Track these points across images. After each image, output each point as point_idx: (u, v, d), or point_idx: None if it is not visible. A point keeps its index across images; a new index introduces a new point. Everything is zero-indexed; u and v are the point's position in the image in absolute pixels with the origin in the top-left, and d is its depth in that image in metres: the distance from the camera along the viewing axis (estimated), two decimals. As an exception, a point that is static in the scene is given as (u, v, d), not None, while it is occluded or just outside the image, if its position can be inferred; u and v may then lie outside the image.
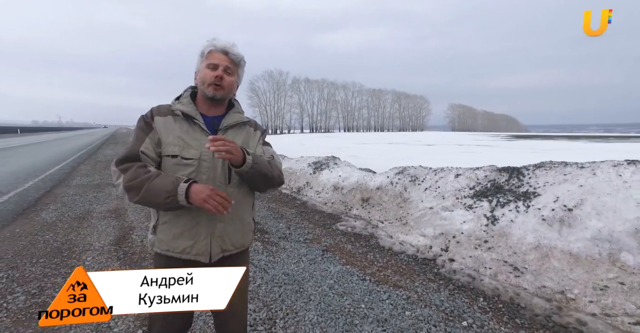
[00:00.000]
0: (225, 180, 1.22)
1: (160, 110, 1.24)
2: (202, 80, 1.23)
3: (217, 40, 1.24)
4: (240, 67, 1.29)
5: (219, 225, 1.22)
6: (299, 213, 5.30)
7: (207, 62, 1.22)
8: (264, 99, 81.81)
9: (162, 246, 1.22)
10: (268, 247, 3.64)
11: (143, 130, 1.21)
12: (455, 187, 4.30)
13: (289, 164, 8.41)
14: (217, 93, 1.22)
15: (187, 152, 1.19)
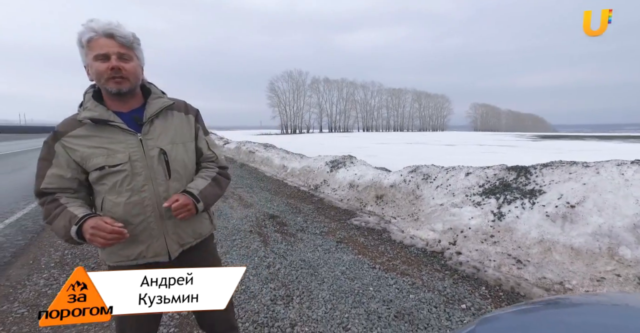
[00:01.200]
0: (165, 175, 1.15)
1: (65, 127, 1.08)
2: (98, 75, 1.04)
3: (95, 22, 1.01)
4: (136, 48, 1.09)
5: (169, 222, 1.16)
6: (315, 208, 5.61)
7: (94, 52, 1.02)
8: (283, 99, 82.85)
9: (113, 258, 1.14)
10: (286, 238, 3.98)
11: (44, 161, 1.09)
12: (465, 185, 4.49)
13: (307, 162, 8.75)
14: (122, 87, 1.06)
15: (114, 158, 1.07)
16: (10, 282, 2.77)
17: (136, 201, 1.10)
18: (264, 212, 5.15)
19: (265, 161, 11.28)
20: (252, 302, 2.47)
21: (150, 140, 1.13)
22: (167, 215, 1.14)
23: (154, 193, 1.13)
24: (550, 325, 0.71)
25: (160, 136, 1.15)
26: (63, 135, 1.08)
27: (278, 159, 10.64)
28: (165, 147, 1.14)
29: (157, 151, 1.13)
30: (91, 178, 1.10)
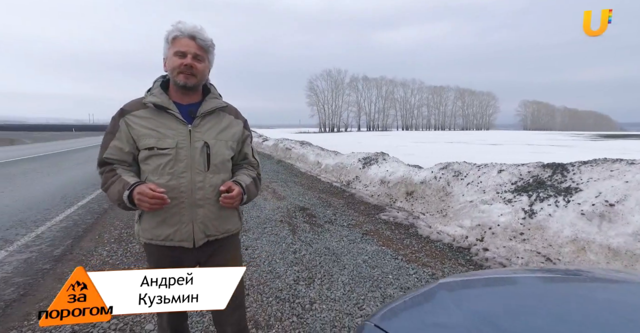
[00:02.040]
0: (204, 167, 1.23)
1: (131, 107, 1.23)
2: (172, 68, 1.19)
3: (182, 24, 1.18)
4: (210, 52, 1.25)
5: (199, 211, 1.23)
6: (346, 203, 5.76)
7: (175, 48, 1.18)
8: (322, 98, 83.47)
9: (147, 235, 1.24)
10: (314, 228, 4.18)
11: (109, 133, 1.22)
12: (497, 182, 4.38)
13: (340, 159, 8.90)
14: (189, 81, 1.19)
15: (164, 142, 1.18)
16: (83, 251, 3.31)
17: (174, 185, 1.18)
18: (295, 205, 5.40)
19: (300, 158, 11.60)
20: (276, 281, 2.69)
21: (198, 133, 1.22)
22: (199, 204, 1.22)
23: (191, 181, 1.20)
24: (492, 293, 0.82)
25: (208, 131, 1.24)
26: (127, 113, 1.21)
27: (313, 155, 10.90)
28: (209, 141, 1.23)
29: (202, 143, 1.22)
30: (140, 157, 1.22)
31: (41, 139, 26.78)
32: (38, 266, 2.92)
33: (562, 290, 0.85)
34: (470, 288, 0.86)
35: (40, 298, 2.37)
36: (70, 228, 4.02)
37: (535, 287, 0.85)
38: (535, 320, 0.65)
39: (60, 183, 7.05)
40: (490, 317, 0.70)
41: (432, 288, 0.83)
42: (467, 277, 0.94)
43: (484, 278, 0.93)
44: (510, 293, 0.82)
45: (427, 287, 0.84)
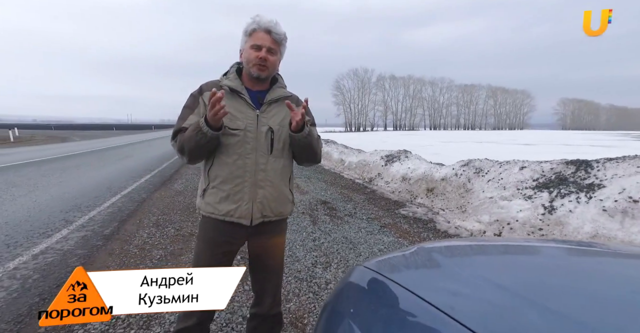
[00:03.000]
0: (268, 150, 1.30)
1: (208, 87, 1.31)
2: (247, 60, 1.28)
3: (260, 17, 1.27)
4: (283, 45, 1.33)
5: (259, 191, 1.30)
6: (367, 199, 5.90)
7: (252, 42, 1.27)
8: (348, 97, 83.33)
9: (208, 209, 1.31)
10: (334, 220, 4.38)
11: (189, 107, 1.32)
12: (518, 178, 4.37)
13: (364, 156, 9.02)
14: (262, 73, 1.28)
15: (234, 123, 1.26)
16: (127, 233, 3.73)
17: (240, 165, 1.27)
18: (317, 199, 5.62)
19: (324, 155, 11.82)
20: (296, 264, 2.92)
21: (264, 118, 1.31)
22: (260, 185, 1.29)
23: (255, 162, 1.28)
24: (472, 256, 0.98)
25: (273, 117, 1.33)
26: (205, 91, 1.31)
27: (337, 153, 11.09)
28: (274, 127, 1.31)
29: (267, 128, 1.30)
30: None
31: (87, 136, 28.98)
32: (92, 242, 3.37)
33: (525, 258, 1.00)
34: (444, 249, 1.03)
35: (96, 268, 2.75)
36: (115, 213, 4.49)
37: (498, 253, 1.01)
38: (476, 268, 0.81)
39: (105, 175, 7.74)
40: (450, 263, 0.86)
41: (413, 248, 1.00)
42: (444, 242, 1.11)
43: (457, 244, 1.10)
44: (469, 251, 0.98)
45: (410, 248, 1.01)
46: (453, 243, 1.20)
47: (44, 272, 2.68)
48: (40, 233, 3.61)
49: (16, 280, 2.54)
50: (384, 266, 0.90)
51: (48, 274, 2.65)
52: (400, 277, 0.81)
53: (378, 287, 0.78)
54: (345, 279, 0.90)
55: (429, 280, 0.80)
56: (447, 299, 0.65)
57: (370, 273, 0.85)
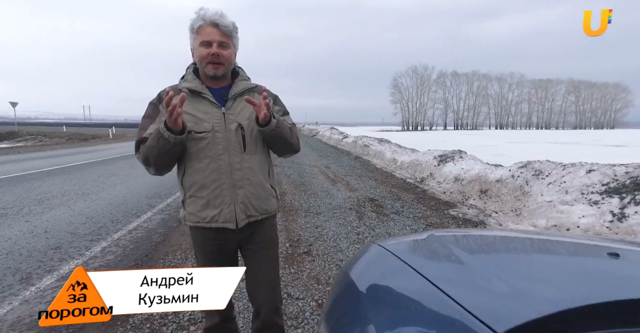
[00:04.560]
0: (241, 148, 1.26)
1: None
2: (200, 59, 1.22)
3: (204, 10, 1.19)
4: (234, 37, 1.26)
5: (239, 191, 1.25)
6: (416, 198, 5.86)
7: (200, 38, 1.20)
8: (406, 95, 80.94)
9: (192, 218, 1.27)
10: (380, 217, 4.48)
11: (149, 117, 1.26)
12: (584, 182, 4.03)
13: (416, 156, 8.87)
14: (218, 71, 1.22)
15: (200, 126, 1.21)
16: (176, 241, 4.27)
17: (213, 168, 1.23)
18: (365, 196, 5.74)
19: (377, 154, 11.81)
20: (339, 253, 3.12)
21: (232, 115, 1.25)
22: (238, 185, 1.25)
23: (229, 163, 1.24)
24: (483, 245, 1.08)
25: (241, 113, 1.27)
26: None
27: (390, 152, 11.02)
28: (242, 123, 1.25)
29: (236, 125, 1.24)
30: None
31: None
32: (169, 224, 3.97)
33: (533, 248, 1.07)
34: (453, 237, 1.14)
35: (172, 244, 3.31)
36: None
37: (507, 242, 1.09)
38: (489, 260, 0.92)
39: (176, 169, 8.81)
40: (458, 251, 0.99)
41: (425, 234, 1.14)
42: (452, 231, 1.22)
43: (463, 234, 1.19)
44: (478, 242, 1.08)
45: (422, 233, 1.15)
46: (460, 232, 1.29)
47: (136, 243, 3.34)
48: (132, 213, 4.39)
49: (119, 247, 3.22)
50: (395, 246, 1.05)
51: (139, 245, 3.28)
52: (407, 256, 0.96)
53: (385, 261, 0.95)
54: (361, 253, 1.08)
55: (433, 262, 0.94)
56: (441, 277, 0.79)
57: (381, 251, 1.01)
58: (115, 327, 1.94)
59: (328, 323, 0.93)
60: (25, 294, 2.26)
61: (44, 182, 6.49)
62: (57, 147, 16.40)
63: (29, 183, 6.25)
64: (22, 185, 6.07)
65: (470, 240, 1.08)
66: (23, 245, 3.12)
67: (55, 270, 2.65)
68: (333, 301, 0.99)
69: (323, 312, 1.02)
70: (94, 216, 4.17)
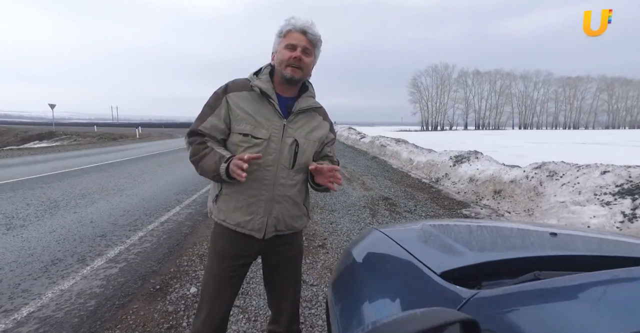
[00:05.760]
0: (290, 164, 1.23)
1: (236, 85, 1.24)
2: (280, 60, 1.20)
3: (295, 19, 1.20)
4: (317, 48, 1.25)
5: (276, 206, 1.23)
6: (430, 198, 6.00)
7: (286, 42, 1.19)
8: (425, 95, 79.67)
9: (220, 216, 1.25)
10: (393, 215, 4.68)
11: (209, 107, 1.23)
12: (597, 183, 4.08)
13: (432, 156, 8.95)
14: (296, 75, 1.20)
15: (259, 131, 1.19)
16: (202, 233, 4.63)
17: (259, 176, 1.19)
18: (380, 195, 5.94)
19: (394, 154, 11.93)
20: (352, 247, 3.37)
21: (291, 129, 1.23)
22: (277, 200, 1.23)
23: (275, 176, 1.21)
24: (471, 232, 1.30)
25: (300, 129, 1.25)
26: (232, 92, 1.22)
27: (406, 152, 11.11)
28: (299, 139, 1.23)
29: (292, 140, 1.22)
30: (232, 140, 1.23)
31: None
32: (196, 217, 4.32)
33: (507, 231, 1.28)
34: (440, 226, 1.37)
35: (198, 235, 3.64)
36: (211, 198, 5.60)
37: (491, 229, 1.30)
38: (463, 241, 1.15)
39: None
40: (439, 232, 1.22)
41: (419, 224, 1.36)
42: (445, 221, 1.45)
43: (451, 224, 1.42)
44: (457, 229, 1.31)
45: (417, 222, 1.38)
46: (449, 222, 1.51)
47: (168, 234, 3.70)
48: (163, 207, 4.78)
49: (154, 237, 3.58)
50: (391, 231, 1.29)
51: (171, 236, 3.64)
52: (399, 238, 1.19)
53: (381, 242, 1.19)
54: (363, 236, 1.33)
55: (418, 241, 1.18)
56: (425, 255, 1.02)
57: (379, 234, 1.26)
58: (156, 302, 2.27)
59: (334, 290, 1.18)
60: (83, 272, 2.66)
61: (84, 178, 7.07)
62: (91, 146, 17.50)
63: (72, 180, 6.84)
64: (67, 181, 6.66)
65: (452, 227, 1.31)
66: (75, 233, 3.55)
67: (104, 254, 3.03)
68: (338, 273, 1.24)
69: (330, 281, 1.28)
70: (130, 209, 4.59)
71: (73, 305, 2.18)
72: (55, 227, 3.74)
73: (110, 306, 2.18)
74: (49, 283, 2.46)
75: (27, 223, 3.84)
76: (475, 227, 1.31)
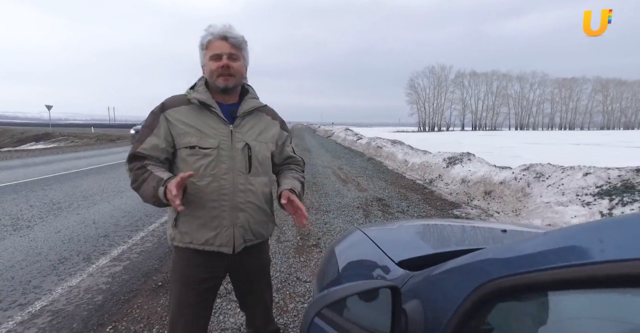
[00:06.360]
0: (246, 168, 1.20)
1: (173, 102, 1.21)
2: (210, 73, 1.18)
3: (213, 27, 1.17)
4: (243, 49, 1.22)
5: (240, 215, 1.19)
6: (423, 198, 6.18)
7: (210, 53, 1.17)
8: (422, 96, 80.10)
9: (185, 239, 1.19)
10: (385, 215, 4.85)
11: (148, 128, 1.18)
12: (580, 184, 4.27)
13: (426, 158, 9.14)
14: (229, 83, 1.18)
15: (205, 141, 1.16)
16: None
17: (215, 187, 1.16)
18: (374, 196, 6.11)
19: (389, 156, 12.11)
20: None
21: (239, 133, 1.20)
22: (240, 208, 1.19)
23: (233, 183, 1.18)
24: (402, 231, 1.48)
25: (249, 132, 1.23)
26: (169, 109, 1.18)
27: (401, 154, 11.30)
28: (250, 142, 1.21)
29: (243, 144, 1.20)
30: (180, 156, 1.18)
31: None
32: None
33: None
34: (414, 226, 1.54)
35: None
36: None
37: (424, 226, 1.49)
38: None
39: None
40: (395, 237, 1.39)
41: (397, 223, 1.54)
42: (420, 221, 1.62)
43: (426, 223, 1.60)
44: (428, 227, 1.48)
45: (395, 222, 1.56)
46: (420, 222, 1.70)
47: None
48: (162, 209, 4.74)
49: (155, 237, 3.74)
50: (370, 230, 1.46)
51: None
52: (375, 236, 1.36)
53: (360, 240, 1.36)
54: (346, 235, 1.49)
55: (390, 238, 1.35)
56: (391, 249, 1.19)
57: (360, 233, 1.42)
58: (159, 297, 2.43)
59: (318, 280, 1.35)
60: (89, 270, 2.82)
61: (85, 180, 7.20)
62: (89, 147, 17.57)
63: (73, 182, 6.97)
64: (68, 183, 6.79)
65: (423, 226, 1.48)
66: (79, 233, 3.70)
67: (107, 253, 3.19)
68: (322, 266, 1.41)
69: (315, 273, 1.45)
70: (131, 211, 4.73)
71: (82, 299, 2.34)
72: (59, 227, 3.89)
73: (116, 301, 2.34)
74: (58, 280, 2.62)
75: (32, 224, 3.99)
76: (444, 226, 1.49)
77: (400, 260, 0.92)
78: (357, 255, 1.22)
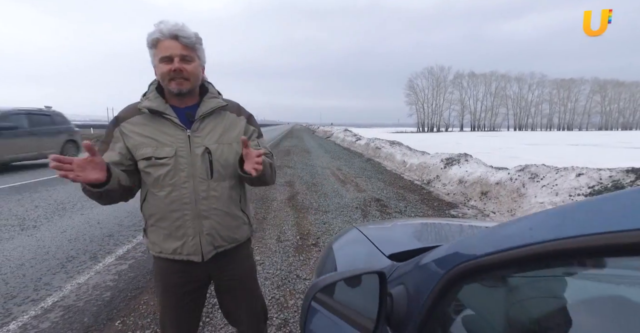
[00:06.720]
0: (207, 175, 1.16)
1: (126, 113, 1.16)
2: (162, 76, 1.10)
3: (164, 23, 1.07)
4: (198, 49, 1.13)
5: (205, 222, 1.16)
6: (421, 199, 6.29)
7: (160, 54, 1.08)
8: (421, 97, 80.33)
9: (155, 248, 1.19)
10: (383, 215, 4.96)
11: (104, 143, 1.15)
12: (572, 185, 4.38)
13: (425, 159, 9.25)
14: (183, 87, 1.11)
15: (161, 151, 1.12)
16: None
17: (176, 197, 1.13)
18: (372, 197, 6.21)
19: (388, 157, 12.23)
20: (344, 245, 3.64)
21: (198, 138, 1.15)
22: (204, 215, 1.16)
23: (194, 191, 1.14)
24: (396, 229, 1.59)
25: (209, 135, 1.17)
26: (122, 121, 1.14)
27: (400, 155, 11.41)
28: (210, 146, 1.16)
29: (202, 149, 1.15)
30: (140, 168, 1.15)
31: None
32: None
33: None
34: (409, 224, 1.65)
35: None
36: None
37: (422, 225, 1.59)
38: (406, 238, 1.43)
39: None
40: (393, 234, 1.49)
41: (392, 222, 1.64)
42: (413, 220, 1.74)
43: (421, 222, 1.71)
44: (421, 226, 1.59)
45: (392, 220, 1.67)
46: (413, 221, 1.81)
47: None
48: None
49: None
50: (366, 228, 1.56)
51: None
52: (370, 233, 1.47)
53: (356, 238, 1.46)
54: (343, 232, 1.60)
55: (384, 236, 1.45)
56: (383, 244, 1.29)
57: (356, 231, 1.53)
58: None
59: (317, 273, 1.46)
60: (96, 268, 2.92)
61: (86, 181, 7.30)
62: (89, 148, 17.59)
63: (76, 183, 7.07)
64: (71, 184, 6.85)
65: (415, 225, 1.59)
66: (85, 233, 3.81)
67: (113, 251, 3.30)
68: (320, 261, 1.52)
69: (315, 268, 1.56)
70: (134, 211, 4.82)
71: (91, 296, 2.45)
72: (65, 227, 3.99)
73: (123, 297, 2.44)
74: (67, 278, 2.72)
75: (38, 224, 4.09)
76: (435, 224, 1.59)
77: (391, 254, 1.03)
78: (353, 250, 1.33)
